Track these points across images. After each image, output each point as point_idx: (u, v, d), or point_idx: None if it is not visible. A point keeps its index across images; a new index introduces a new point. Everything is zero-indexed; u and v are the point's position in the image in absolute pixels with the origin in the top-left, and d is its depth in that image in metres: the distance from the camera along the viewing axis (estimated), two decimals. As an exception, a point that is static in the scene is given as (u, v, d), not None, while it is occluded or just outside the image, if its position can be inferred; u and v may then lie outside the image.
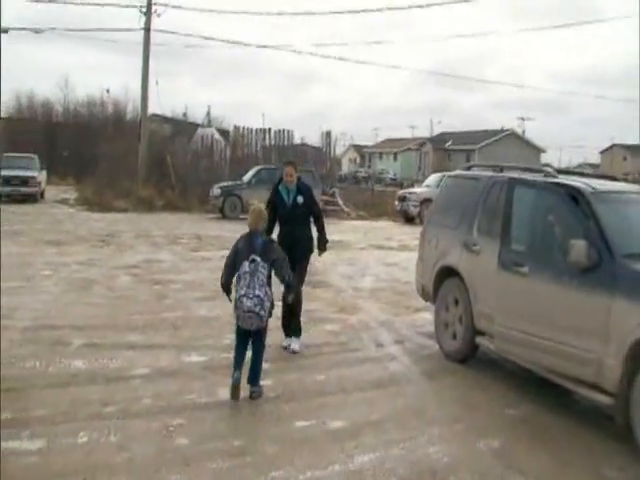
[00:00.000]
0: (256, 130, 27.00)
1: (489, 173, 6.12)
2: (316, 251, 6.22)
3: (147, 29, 25.66)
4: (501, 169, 6.14)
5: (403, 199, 22.02)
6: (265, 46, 73.55)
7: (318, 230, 6.20)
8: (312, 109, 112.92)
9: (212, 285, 8.86)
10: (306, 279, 9.99)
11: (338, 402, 4.77)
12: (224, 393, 4.81)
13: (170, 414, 4.35)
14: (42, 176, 24.96)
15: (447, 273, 6.13)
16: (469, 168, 6.80)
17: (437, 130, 64.76)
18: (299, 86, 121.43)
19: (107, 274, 9.53)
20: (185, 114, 43.59)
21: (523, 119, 61.60)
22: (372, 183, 33.21)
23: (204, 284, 9.03)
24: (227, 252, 5.00)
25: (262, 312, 4.58)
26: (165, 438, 4.01)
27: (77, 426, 4.09)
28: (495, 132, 56.02)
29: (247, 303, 4.54)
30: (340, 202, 25.53)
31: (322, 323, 7.16)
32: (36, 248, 11.97)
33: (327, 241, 6.25)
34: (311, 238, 6.10)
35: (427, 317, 7.22)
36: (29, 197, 22.90)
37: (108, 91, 42.79)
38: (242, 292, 4.56)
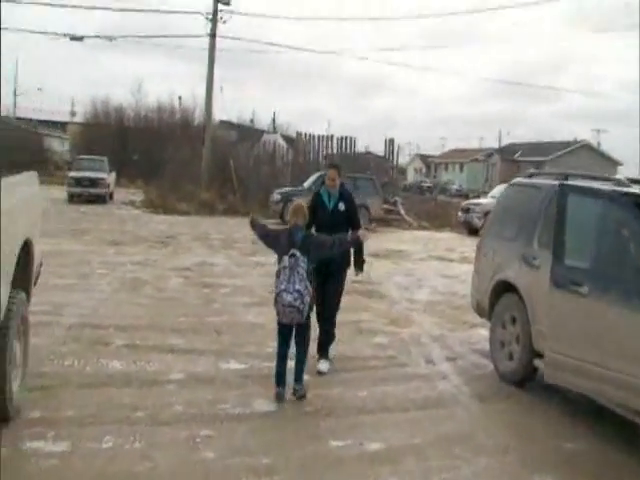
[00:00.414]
0: (319, 137, 26.98)
1: (552, 181, 5.65)
2: (352, 271, 5.68)
3: (212, 35, 26.12)
4: (566, 177, 5.66)
5: (467, 210, 21.35)
6: (332, 52, 73.58)
7: (357, 257, 5.64)
8: (378, 117, 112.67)
9: (261, 291, 8.74)
10: (360, 288, 9.84)
11: (379, 422, 4.45)
12: (259, 404, 4.60)
13: (200, 424, 4.16)
14: (111, 178, 25.73)
15: (504, 288, 5.71)
16: (531, 176, 6.35)
17: (506, 141, 63.12)
18: (365, 93, 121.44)
19: (160, 275, 9.54)
20: (252, 120, 44.24)
21: (599, 131, 59.23)
22: (435, 193, 32.48)
23: (254, 290, 8.89)
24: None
25: (302, 306, 4.56)
26: (191, 449, 3.81)
27: (104, 430, 3.95)
28: (568, 143, 53.94)
29: (287, 298, 4.52)
30: (402, 211, 25.07)
31: (371, 335, 6.85)
32: (97, 247, 12.20)
33: (364, 260, 5.71)
34: (349, 250, 5.51)
35: (483, 334, 6.78)
36: (98, 198, 23.62)
37: (180, 98, 43.86)
38: (282, 287, 4.55)
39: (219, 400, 4.61)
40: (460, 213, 21.97)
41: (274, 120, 45.30)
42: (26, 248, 4.38)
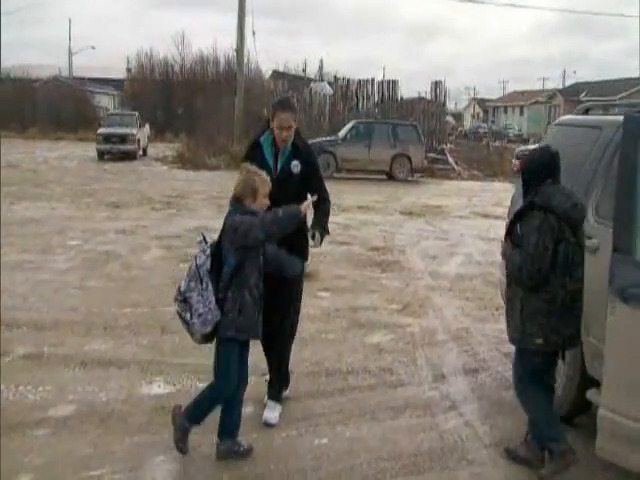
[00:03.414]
0: (359, 81, 24.82)
1: (619, 118, 3.65)
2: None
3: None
4: (641, 110, 3.68)
5: (522, 157, 18.99)
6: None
7: (319, 216, 3.58)
8: (435, 63, 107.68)
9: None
10: (376, 257, 8.13)
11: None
12: (147, 471, 3.05)
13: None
14: (142, 133, 24.55)
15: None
16: (587, 111, 4.38)
17: (571, 81, 58.41)
18: (421, 40, 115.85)
19: (139, 246, 8.11)
20: (304, 70, 42.50)
21: (676, 64, 53.85)
22: (489, 139, 29.89)
23: (242, 263, 7.32)
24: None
25: (186, 315, 3.02)
26: None
27: None
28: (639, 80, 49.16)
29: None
30: (450, 160, 22.94)
31: (369, 330, 5.19)
32: (92, 211, 10.92)
33: (327, 232, 3.59)
34: (306, 236, 3.51)
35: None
36: (128, 154, 22.53)
37: (236, 50, 41.97)
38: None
39: (92, 460, 3.07)
40: (514, 160, 19.67)
41: (321, 67, 43.46)
42: None
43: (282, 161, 3.51)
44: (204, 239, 3.07)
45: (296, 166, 3.51)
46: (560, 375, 3.64)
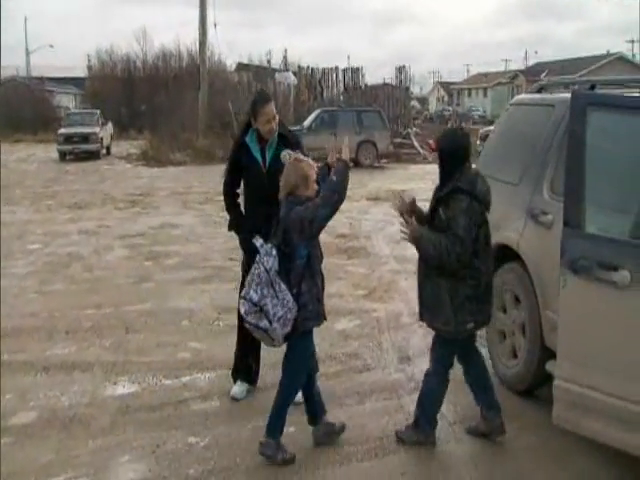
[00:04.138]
0: (323, 70, 24.73)
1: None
2: None
3: (201, -34, 23.78)
4: (592, 87, 3.74)
5: (485, 138, 19.16)
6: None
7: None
8: (400, 50, 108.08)
9: (218, 259, 7.17)
10: (342, 244, 8.16)
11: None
12: (121, 466, 3.02)
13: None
14: (105, 132, 24.09)
15: (504, 255, 3.96)
16: (541, 90, 4.43)
17: (534, 62, 59.11)
18: (386, 28, 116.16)
19: (102, 246, 7.98)
20: (269, 61, 42.29)
21: (633, 41, 54.93)
22: (453, 121, 30.13)
23: (209, 257, 7.30)
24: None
25: (263, 323, 2.92)
26: None
27: None
28: (599, 58, 50.02)
29: (241, 309, 3.02)
30: (416, 144, 23.04)
31: (334, 317, 5.14)
32: (52, 213, 10.74)
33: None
34: None
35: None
36: (91, 154, 22.09)
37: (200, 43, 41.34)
38: (243, 292, 3.04)
39: (54, 466, 3.03)
40: (479, 142, 19.82)
41: (285, 57, 43.29)
42: None
43: (270, 154, 3.52)
44: (264, 242, 2.98)
45: (286, 157, 3.48)
46: (521, 347, 3.71)
